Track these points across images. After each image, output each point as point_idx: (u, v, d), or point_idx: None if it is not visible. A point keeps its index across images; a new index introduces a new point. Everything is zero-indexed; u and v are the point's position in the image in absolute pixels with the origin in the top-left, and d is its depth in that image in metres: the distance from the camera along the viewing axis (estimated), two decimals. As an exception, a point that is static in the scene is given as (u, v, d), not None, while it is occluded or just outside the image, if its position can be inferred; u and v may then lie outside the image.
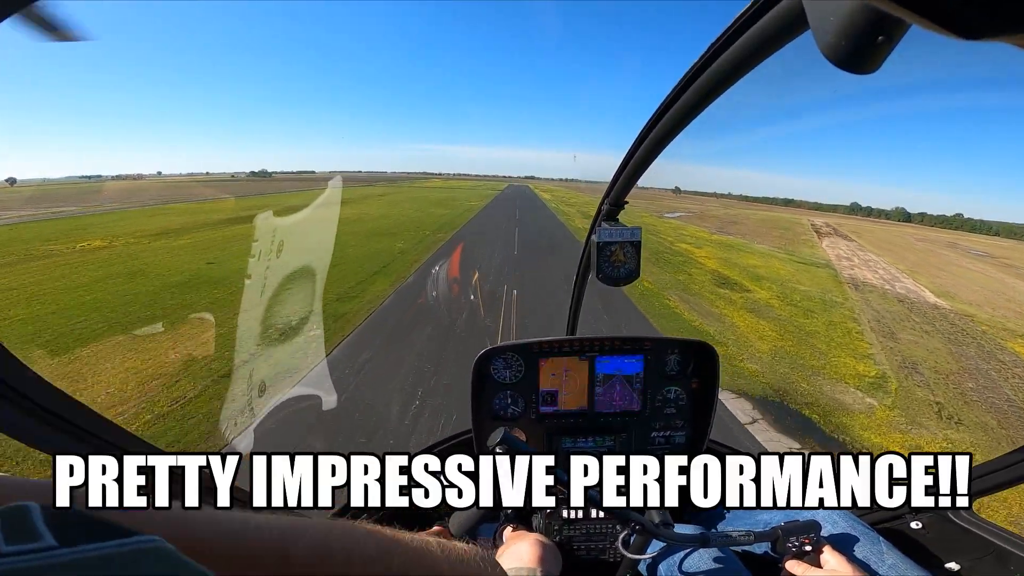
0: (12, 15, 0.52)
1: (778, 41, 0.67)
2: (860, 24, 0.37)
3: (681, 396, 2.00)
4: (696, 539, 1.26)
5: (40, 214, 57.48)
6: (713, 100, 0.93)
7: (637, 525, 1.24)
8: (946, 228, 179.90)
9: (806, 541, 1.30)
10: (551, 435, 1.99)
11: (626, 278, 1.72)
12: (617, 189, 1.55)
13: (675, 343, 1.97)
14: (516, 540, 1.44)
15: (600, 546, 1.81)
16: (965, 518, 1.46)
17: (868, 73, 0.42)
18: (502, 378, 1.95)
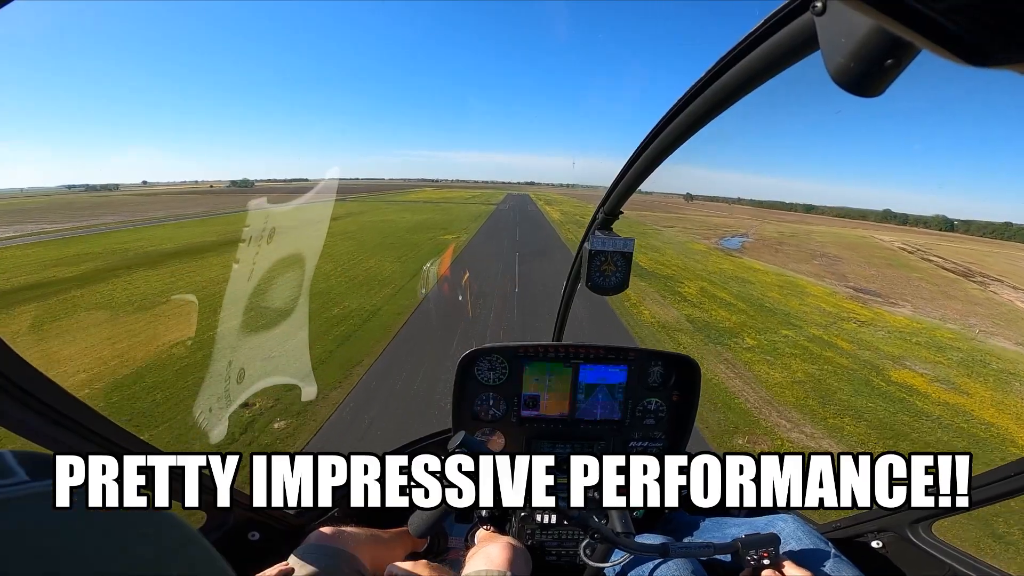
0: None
1: (787, 60, 0.67)
2: (871, 47, 0.37)
3: (661, 407, 2.00)
4: (656, 549, 1.26)
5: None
6: (717, 115, 0.92)
7: (597, 533, 1.23)
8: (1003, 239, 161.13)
9: (764, 555, 1.32)
10: (530, 439, 2.00)
11: (615, 288, 1.73)
12: (614, 199, 1.55)
13: (659, 355, 1.98)
14: (488, 542, 1.45)
15: (571, 552, 1.80)
16: (924, 539, 1.48)
17: (872, 96, 0.42)
18: (485, 379, 1.95)
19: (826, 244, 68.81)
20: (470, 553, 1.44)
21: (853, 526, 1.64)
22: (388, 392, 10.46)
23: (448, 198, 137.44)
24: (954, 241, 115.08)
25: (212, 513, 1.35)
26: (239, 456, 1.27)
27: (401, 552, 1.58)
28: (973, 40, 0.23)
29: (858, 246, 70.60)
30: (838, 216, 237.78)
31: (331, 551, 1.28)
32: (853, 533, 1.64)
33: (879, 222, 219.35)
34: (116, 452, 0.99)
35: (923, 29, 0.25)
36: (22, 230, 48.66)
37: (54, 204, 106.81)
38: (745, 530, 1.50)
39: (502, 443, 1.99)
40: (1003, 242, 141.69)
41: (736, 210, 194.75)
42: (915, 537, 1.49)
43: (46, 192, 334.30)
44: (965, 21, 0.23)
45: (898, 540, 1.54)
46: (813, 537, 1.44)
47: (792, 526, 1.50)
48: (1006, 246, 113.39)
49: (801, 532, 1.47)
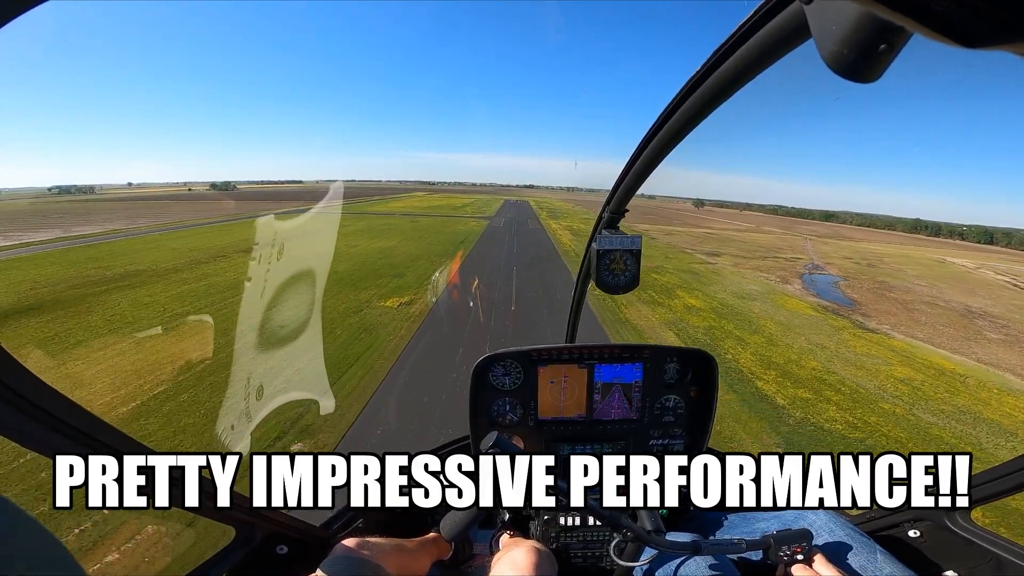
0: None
1: (780, 50, 0.67)
2: (862, 32, 0.37)
3: (680, 404, 1.99)
4: (688, 547, 1.26)
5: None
6: (715, 108, 0.92)
7: (629, 532, 1.23)
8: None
9: (798, 550, 1.31)
10: (549, 442, 1.99)
11: (625, 286, 1.73)
12: (618, 197, 1.55)
13: (674, 351, 1.97)
14: (512, 547, 1.45)
15: (597, 553, 1.81)
16: (963, 526, 1.44)
17: (869, 82, 0.42)
18: (501, 384, 1.95)
19: (923, 277, 53.18)
20: (495, 559, 1.44)
21: (887, 516, 1.61)
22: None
23: (434, 208, 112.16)
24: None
25: (241, 528, 1.37)
26: (239, 456, 1.27)
27: (427, 561, 1.57)
28: (961, 21, 0.23)
29: (962, 279, 54.95)
30: (862, 225, 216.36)
31: (357, 562, 1.29)
32: (888, 523, 1.61)
33: (909, 232, 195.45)
34: (114, 454, 0.99)
35: (911, 12, 0.25)
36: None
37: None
38: (775, 525, 1.49)
39: (521, 447, 1.99)
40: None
41: (754, 219, 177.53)
42: (954, 525, 1.45)
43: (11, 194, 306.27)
44: (951, 3, 0.23)
45: (936, 529, 1.50)
46: (847, 529, 1.42)
47: (824, 519, 1.48)
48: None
49: (834, 524, 1.44)
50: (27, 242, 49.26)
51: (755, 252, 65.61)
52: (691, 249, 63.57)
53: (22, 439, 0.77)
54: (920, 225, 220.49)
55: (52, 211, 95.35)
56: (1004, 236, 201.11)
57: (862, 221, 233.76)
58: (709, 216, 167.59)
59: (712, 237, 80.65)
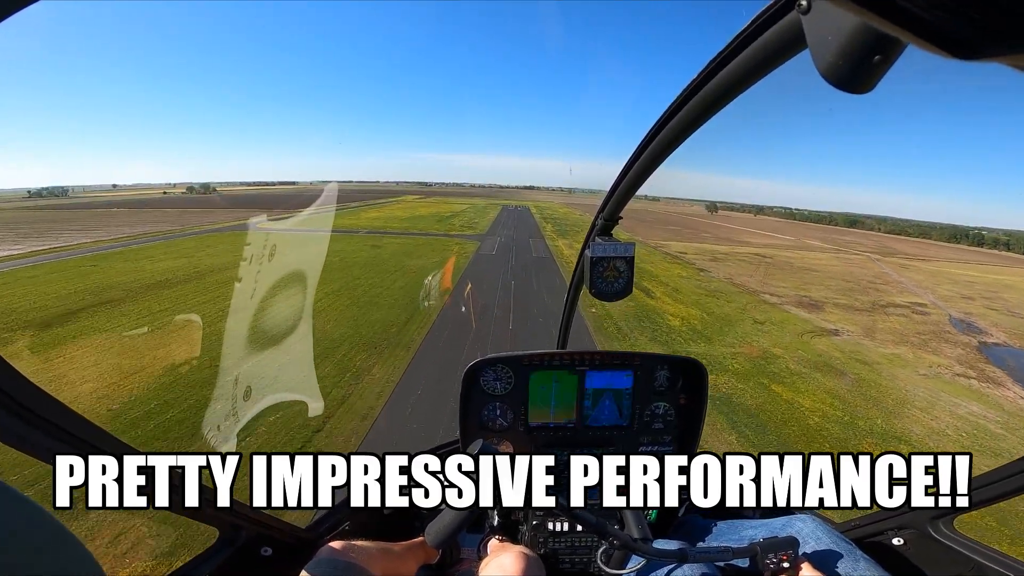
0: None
1: (776, 59, 0.67)
2: (857, 43, 0.38)
3: (669, 411, 1.99)
4: (675, 555, 1.26)
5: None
6: (710, 118, 0.92)
7: (615, 540, 1.23)
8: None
9: (784, 558, 1.31)
10: (539, 447, 1.99)
11: (618, 293, 1.73)
12: (612, 204, 1.55)
13: (665, 359, 1.97)
14: (500, 551, 1.45)
15: (584, 559, 1.79)
16: (945, 533, 1.46)
17: (863, 93, 0.42)
18: (492, 389, 1.94)
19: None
20: (483, 563, 1.43)
21: (872, 524, 1.62)
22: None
23: (416, 219, 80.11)
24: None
25: (224, 529, 1.35)
26: (239, 456, 1.27)
27: (414, 564, 1.56)
28: (956, 33, 0.23)
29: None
30: (892, 232, 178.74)
31: (342, 565, 1.28)
32: (873, 531, 1.63)
33: (948, 242, 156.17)
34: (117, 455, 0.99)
35: (906, 24, 0.25)
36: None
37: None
38: (762, 532, 1.50)
39: (511, 452, 1.99)
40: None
41: (773, 225, 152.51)
42: (937, 533, 1.46)
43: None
44: (946, 15, 0.23)
45: (920, 537, 1.52)
46: (833, 537, 1.43)
47: (811, 526, 1.49)
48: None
49: (820, 532, 1.45)
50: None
51: (847, 290, 39.70)
52: (768, 294, 35.27)
53: (21, 444, 0.77)
54: (960, 233, 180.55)
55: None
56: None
57: (890, 228, 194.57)
58: (728, 223, 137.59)
59: (767, 262, 54.90)
